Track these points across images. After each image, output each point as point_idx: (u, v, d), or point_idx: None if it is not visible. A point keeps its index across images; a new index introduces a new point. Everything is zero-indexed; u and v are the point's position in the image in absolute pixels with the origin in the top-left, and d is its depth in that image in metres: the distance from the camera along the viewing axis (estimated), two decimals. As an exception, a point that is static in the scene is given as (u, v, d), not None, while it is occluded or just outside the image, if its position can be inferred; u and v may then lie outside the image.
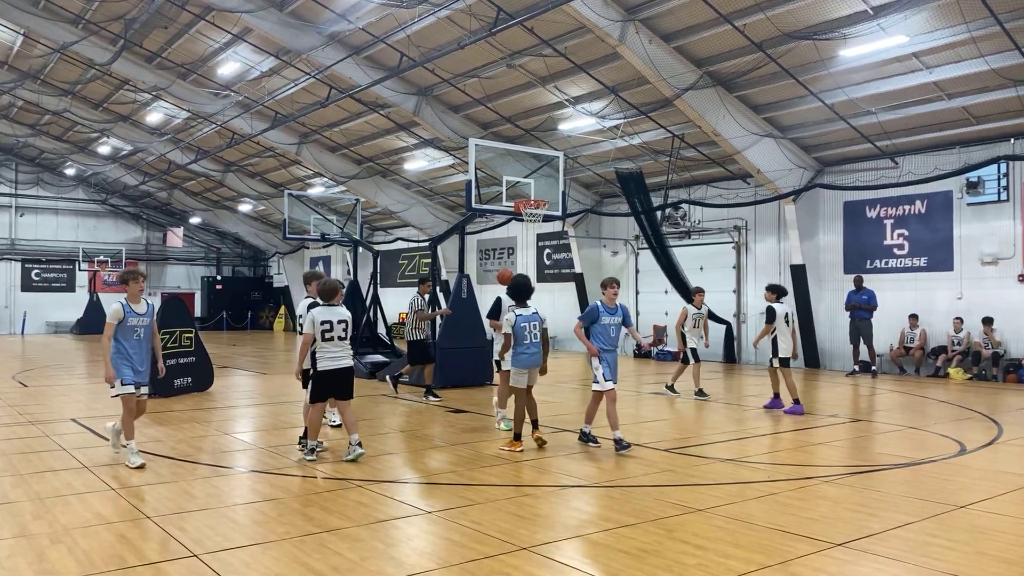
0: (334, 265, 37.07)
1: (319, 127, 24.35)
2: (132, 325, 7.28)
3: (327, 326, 7.37)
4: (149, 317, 7.46)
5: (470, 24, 15.73)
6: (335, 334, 7.40)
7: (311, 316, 7.40)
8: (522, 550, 4.96)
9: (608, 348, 8.25)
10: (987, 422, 10.22)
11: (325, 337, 7.36)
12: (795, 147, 18.04)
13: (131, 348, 7.28)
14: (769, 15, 13.82)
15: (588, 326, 8.29)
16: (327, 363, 7.38)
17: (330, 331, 7.37)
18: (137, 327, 7.32)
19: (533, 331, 8.26)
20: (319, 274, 8.19)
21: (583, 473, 7.23)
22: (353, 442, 7.52)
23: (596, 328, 8.23)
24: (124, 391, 7.22)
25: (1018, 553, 4.96)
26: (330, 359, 7.39)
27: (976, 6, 12.17)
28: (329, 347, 7.38)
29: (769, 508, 6.03)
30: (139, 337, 7.35)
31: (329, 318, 7.40)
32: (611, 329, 8.28)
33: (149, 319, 7.46)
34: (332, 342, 7.38)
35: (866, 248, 17.80)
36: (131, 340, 7.29)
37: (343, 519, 5.62)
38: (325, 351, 7.38)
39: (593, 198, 23.68)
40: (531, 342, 8.24)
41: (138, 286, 7.36)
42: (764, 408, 11.44)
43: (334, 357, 7.40)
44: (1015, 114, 14.73)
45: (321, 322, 7.37)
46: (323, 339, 7.36)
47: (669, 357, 20.67)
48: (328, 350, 7.38)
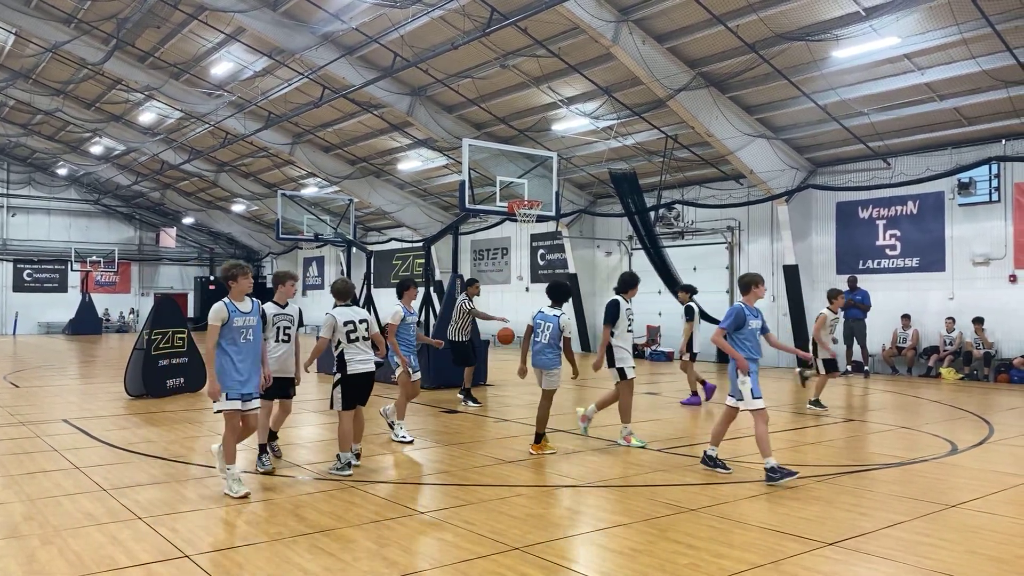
0: (327, 265, 37.03)
1: (312, 127, 24.31)
2: (239, 326, 6.24)
3: (351, 326, 7.04)
4: (256, 316, 6.40)
5: (464, 24, 15.73)
6: (359, 334, 7.07)
7: (333, 318, 7.04)
8: (515, 550, 4.96)
9: (756, 357, 7.12)
10: (978, 422, 10.27)
11: (351, 339, 7.02)
12: (788, 148, 18.09)
13: (237, 354, 6.23)
14: (762, 16, 13.87)
15: (732, 332, 7.16)
16: (357, 366, 7.02)
17: (354, 331, 7.05)
18: (244, 328, 6.27)
19: (545, 332, 8.03)
20: (291, 274, 7.75)
21: (576, 473, 7.23)
22: (353, 449, 7.29)
23: (741, 334, 7.10)
24: (228, 407, 6.20)
25: (1009, 552, 4.98)
26: (359, 362, 7.03)
27: (967, 8, 12.23)
28: (356, 349, 7.04)
29: (761, 508, 6.04)
30: (248, 340, 6.31)
31: (352, 318, 7.09)
32: (757, 334, 7.24)
33: (257, 318, 6.40)
34: (358, 343, 7.06)
35: (859, 248, 17.86)
36: (238, 344, 6.24)
37: (335, 519, 5.62)
38: (353, 354, 7.02)
39: (587, 198, 23.71)
40: (540, 343, 8.06)
41: (247, 281, 6.37)
42: (682, 404, 12.13)
43: (363, 360, 7.06)
44: (1006, 115, 14.80)
45: (345, 323, 7.04)
46: (348, 341, 7.01)
47: (663, 357, 20.71)
48: (356, 352, 7.04)
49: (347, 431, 7.06)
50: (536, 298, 26.08)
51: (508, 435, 9.29)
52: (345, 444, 7.06)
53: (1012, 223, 15.54)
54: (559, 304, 8.11)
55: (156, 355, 12.31)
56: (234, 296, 6.34)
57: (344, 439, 7.05)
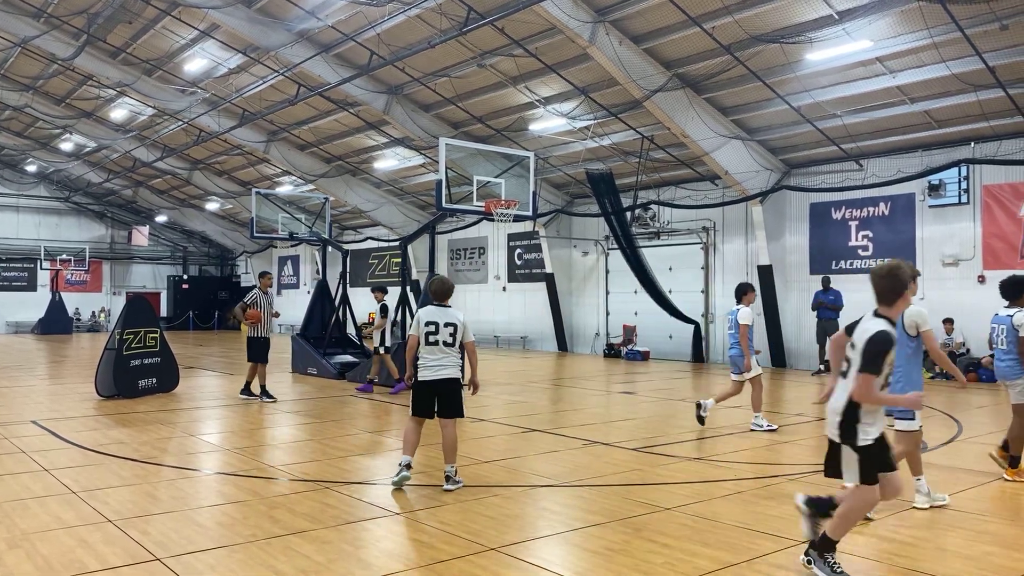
0: (303, 264, 36.78)
1: (287, 125, 24.12)
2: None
3: (431, 327, 6.50)
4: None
5: (440, 23, 15.68)
6: (440, 338, 6.49)
7: (417, 315, 6.65)
8: (490, 551, 4.95)
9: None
10: (947, 420, 10.43)
11: (429, 341, 6.50)
12: (762, 149, 18.26)
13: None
14: (737, 18, 13.98)
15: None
16: (426, 373, 6.50)
17: (435, 334, 6.49)
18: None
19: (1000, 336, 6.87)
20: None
21: (552, 473, 7.24)
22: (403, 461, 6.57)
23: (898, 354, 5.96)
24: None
25: (978, 549, 5.07)
26: (429, 368, 6.48)
27: (938, 12, 12.42)
28: (433, 353, 6.51)
29: (735, 506, 6.09)
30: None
31: (436, 319, 6.52)
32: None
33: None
34: (438, 347, 6.50)
35: (831, 249, 18.07)
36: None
37: (310, 521, 5.57)
38: (427, 359, 6.51)
39: (564, 198, 23.76)
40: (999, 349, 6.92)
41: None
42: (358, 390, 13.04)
43: (437, 367, 6.49)
44: (975, 118, 15.05)
45: (427, 323, 6.51)
46: (426, 343, 6.50)
47: (638, 357, 20.82)
48: (432, 357, 6.50)
49: (405, 435, 6.62)
50: (513, 298, 26.15)
51: (485, 435, 9.28)
52: (405, 448, 6.58)
53: (981, 225, 15.81)
54: (1017, 301, 6.81)
55: (128, 355, 12.15)
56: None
57: (404, 443, 6.63)
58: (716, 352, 20.38)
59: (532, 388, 14.40)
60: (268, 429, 9.97)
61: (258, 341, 12.04)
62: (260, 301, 12.02)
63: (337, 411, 11.21)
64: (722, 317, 20.19)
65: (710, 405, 9.63)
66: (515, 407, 11.84)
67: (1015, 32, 12.66)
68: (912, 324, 5.84)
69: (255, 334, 12.04)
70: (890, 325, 4.36)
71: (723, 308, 20.19)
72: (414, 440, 6.60)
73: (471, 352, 6.67)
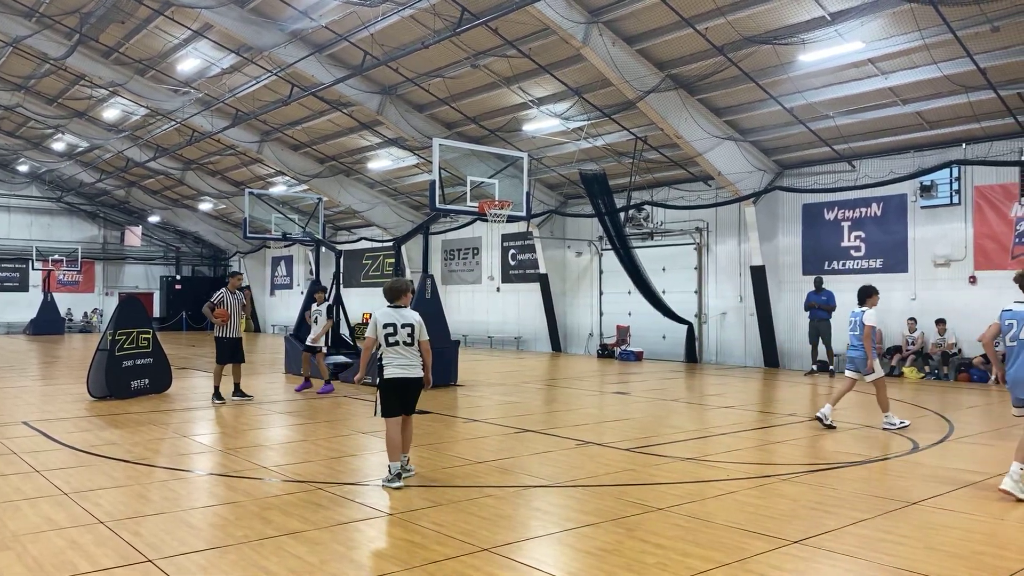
0: (296, 265, 36.72)
1: (281, 125, 24.08)
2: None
3: (389, 330, 6.72)
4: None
5: (434, 24, 15.69)
6: (399, 339, 6.72)
7: (374, 318, 6.82)
8: (483, 551, 4.96)
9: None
10: (939, 420, 10.48)
11: (389, 342, 6.73)
12: (755, 150, 18.30)
13: None
14: (730, 19, 14.01)
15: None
16: (394, 371, 6.72)
17: (393, 335, 6.72)
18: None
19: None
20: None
21: (545, 473, 7.25)
22: (402, 459, 6.82)
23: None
24: None
25: (966, 548, 5.09)
26: (397, 367, 6.72)
27: (929, 14, 12.48)
28: (395, 353, 6.74)
29: (728, 506, 6.11)
30: None
31: (394, 321, 6.76)
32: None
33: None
34: (398, 348, 6.73)
35: (824, 249, 18.13)
36: None
37: (303, 522, 5.57)
38: (391, 358, 6.74)
39: (557, 199, 23.78)
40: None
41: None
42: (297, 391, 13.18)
43: (403, 365, 6.73)
44: (966, 120, 15.12)
45: (385, 325, 6.73)
46: (387, 344, 6.72)
47: (632, 357, 20.84)
48: (395, 357, 6.73)
49: (391, 439, 6.68)
50: (507, 297, 26.15)
51: (478, 436, 9.28)
52: (392, 453, 6.67)
53: (972, 225, 15.88)
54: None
55: (120, 356, 12.10)
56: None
57: (390, 448, 6.69)
58: (709, 352, 20.42)
59: (526, 389, 14.40)
60: (261, 430, 9.95)
61: (226, 341, 11.90)
62: (227, 300, 11.89)
63: (330, 412, 11.20)
64: (715, 317, 20.25)
65: (829, 411, 9.72)
66: (509, 408, 11.84)
67: (1006, 34, 12.72)
68: None
69: (223, 334, 11.86)
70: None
71: (716, 308, 20.27)
72: (399, 440, 6.74)
73: (426, 351, 6.89)
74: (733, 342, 19.92)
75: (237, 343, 11.99)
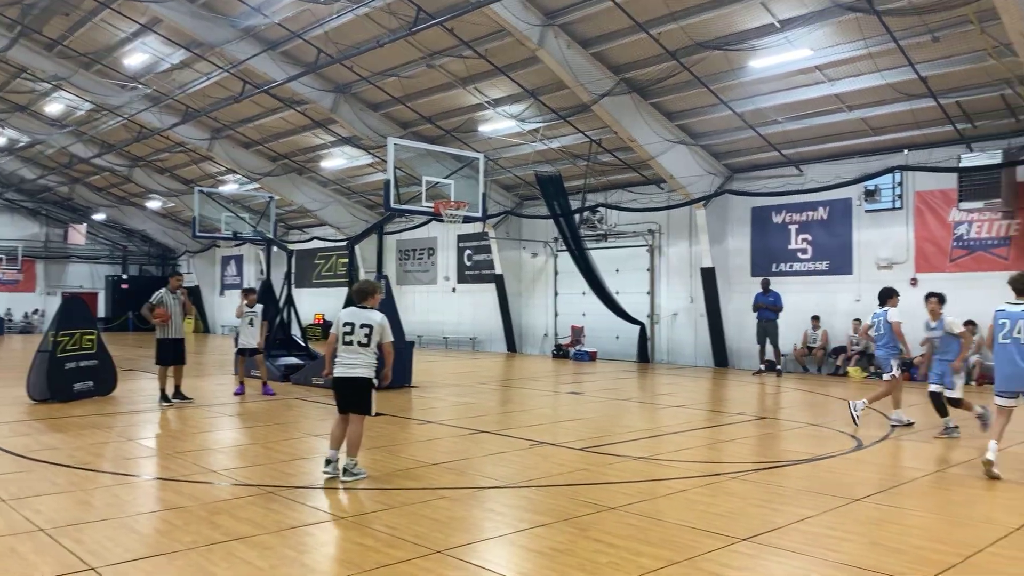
0: (247, 264, 36.12)
1: (232, 123, 23.66)
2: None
3: (347, 328, 6.82)
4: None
5: (389, 23, 15.59)
6: (355, 339, 6.78)
7: (338, 316, 6.97)
8: (436, 553, 4.95)
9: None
10: (882, 419, 10.77)
11: (344, 341, 6.82)
12: (706, 154, 18.60)
13: None
14: (683, 25, 14.22)
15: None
16: (339, 369, 6.84)
17: (350, 334, 6.80)
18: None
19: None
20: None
21: (499, 474, 7.26)
22: (332, 456, 6.91)
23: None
24: None
25: (908, 543, 5.26)
26: (343, 366, 6.81)
27: (873, 23, 12.84)
28: (346, 352, 6.83)
29: (679, 505, 6.20)
30: None
31: (352, 320, 6.83)
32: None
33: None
34: (352, 347, 6.80)
35: (772, 252, 18.51)
36: None
37: (253, 526, 5.49)
38: (342, 357, 6.83)
39: (513, 200, 23.83)
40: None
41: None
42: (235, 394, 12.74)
43: (348, 365, 6.80)
44: (908, 127, 15.59)
45: (344, 323, 6.85)
46: (343, 343, 6.83)
47: (586, 357, 21.00)
48: (345, 356, 6.82)
49: (331, 430, 7.04)
50: (463, 298, 26.11)
51: (432, 437, 9.26)
52: (331, 442, 6.98)
53: (914, 229, 16.37)
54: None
55: (62, 357, 11.75)
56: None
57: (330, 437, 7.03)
58: (661, 352, 20.69)
59: (481, 389, 14.41)
60: (210, 433, 9.77)
61: (167, 342, 11.62)
62: (167, 301, 11.64)
63: (281, 414, 11.05)
64: (667, 318, 20.52)
65: (900, 415, 9.99)
66: (463, 409, 11.83)
67: (946, 44, 13.15)
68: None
69: (164, 335, 11.61)
70: None
71: (668, 309, 20.53)
72: (338, 435, 6.94)
73: (387, 353, 6.95)
74: (684, 342, 20.21)
75: (179, 344, 11.73)
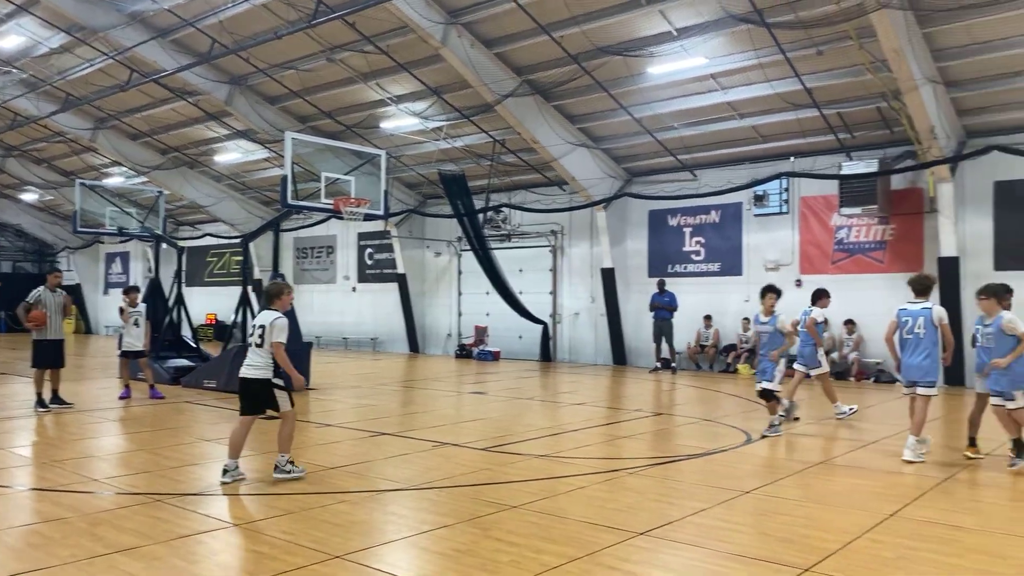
0: (133, 262, 34.40)
1: (118, 112, 22.48)
2: None
3: (252, 330, 6.90)
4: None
5: (288, 14, 15.18)
6: (253, 340, 6.86)
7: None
8: (335, 558, 4.84)
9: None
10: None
11: (250, 342, 6.90)
12: (607, 157, 19.00)
13: None
14: (584, 29, 14.47)
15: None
16: (241, 370, 6.88)
17: (251, 335, 6.90)
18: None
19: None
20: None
21: (400, 476, 7.18)
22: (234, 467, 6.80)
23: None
24: None
25: (794, 532, 5.51)
26: (244, 366, 6.85)
27: (764, 35, 13.44)
28: (249, 354, 6.87)
29: (579, 501, 6.29)
30: None
31: (255, 322, 6.92)
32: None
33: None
34: (252, 349, 6.85)
35: (668, 253, 19.11)
36: None
37: (138, 537, 5.21)
38: (246, 358, 6.87)
39: (416, 198, 23.64)
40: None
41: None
42: (120, 398, 12.11)
43: (247, 365, 6.83)
44: (795, 135, 16.41)
45: (253, 326, 6.90)
46: (253, 345, 6.86)
47: (490, 357, 21.06)
48: (248, 357, 6.86)
49: (231, 435, 6.88)
50: (363, 297, 25.69)
51: (331, 440, 9.05)
52: (230, 449, 6.82)
53: (799, 233, 17.24)
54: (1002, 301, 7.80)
55: (-77, 361, 10.84)
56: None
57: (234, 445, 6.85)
58: (563, 351, 20.99)
59: (382, 391, 14.21)
60: (91, 439, 9.23)
61: (45, 344, 10.91)
62: (46, 300, 10.95)
63: (171, 419, 10.57)
64: (569, 317, 20.84)
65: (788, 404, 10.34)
66: (364, 411, 11.64)
67: (829, 58, 13.92)
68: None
69: (41, 336, 10.90)
70: None
71: (570, 309, 20.86)
72: (237, 442, 6.82)
73: (276, 354, 6.80)
74: (585, 341, 20.59)
75: (58, 346, 11.02)
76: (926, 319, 7.84)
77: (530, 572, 4.63)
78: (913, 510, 6.06)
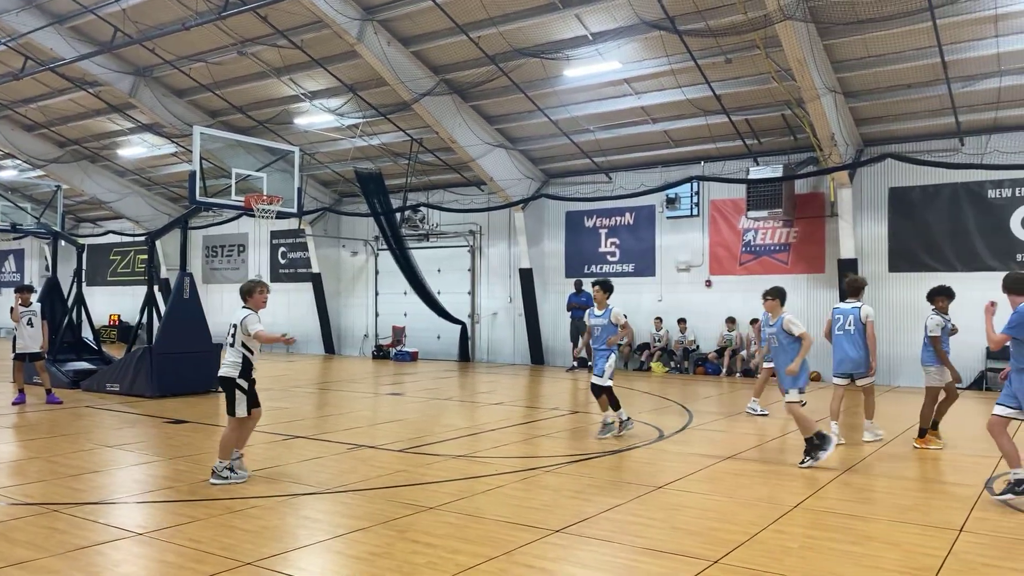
0: (28, 260, 32.56)
1: (11, 102, 21.24)
2: None
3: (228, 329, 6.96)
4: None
5: (197, 5, 14.67)
6: (227, 339, 6.95)
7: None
8: (246, 566, 4.71)
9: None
10: (681, 410, 11.62)
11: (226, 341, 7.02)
12: (524, 158, 19.14)
13: None
14: (501, 30, 14.53)
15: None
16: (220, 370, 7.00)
17: (227, 334, 6.97)
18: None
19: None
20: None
21: (315, 480, 7.05)
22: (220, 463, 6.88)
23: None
24: None
25: (703, 525, 5.69)
26: (221, 365, 6.95)
27: (675, 42, 13.80)
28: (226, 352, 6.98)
29: (496, 501, 6.32)
30: None
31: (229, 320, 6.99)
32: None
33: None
34: (227, 347, 6.94)
35: (584, 254, 19.40)
36: None
37: (33, 549, 4.94)
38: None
39: (332, 196, 23.23)
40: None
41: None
42: (14, 403, 11.60)
43: (222, 364, 6.94)
44: (705, 140, 16.92)
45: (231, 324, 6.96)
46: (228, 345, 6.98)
47: (407, 358, 20.89)
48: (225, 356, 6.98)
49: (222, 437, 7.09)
50: (276, 297, 24.96)
51: (242, 443, 8.79)
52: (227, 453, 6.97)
53: (708, 235, 17.79)
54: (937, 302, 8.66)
55: None
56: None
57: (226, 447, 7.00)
58: (481, 351, 21.02)
59: (296, 393, 13.91)
60: (-19, 448, 8.69)
61: None
62: None
63: (70, 424, 10.06)
64: (487, 317, 20.89)
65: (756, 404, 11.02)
66: (277, 413, 11.35)
67: (737, 66, 14.41)
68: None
69: None
70: None
71: (488, 309, 20.91)
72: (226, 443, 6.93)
73: (260, 341, 6.92)
74: (503, 341, 20.68)
75: None
76: (855, 317, 8.82)
77: (446, 573, 4.63)
78: (814, 501, 6.35)
